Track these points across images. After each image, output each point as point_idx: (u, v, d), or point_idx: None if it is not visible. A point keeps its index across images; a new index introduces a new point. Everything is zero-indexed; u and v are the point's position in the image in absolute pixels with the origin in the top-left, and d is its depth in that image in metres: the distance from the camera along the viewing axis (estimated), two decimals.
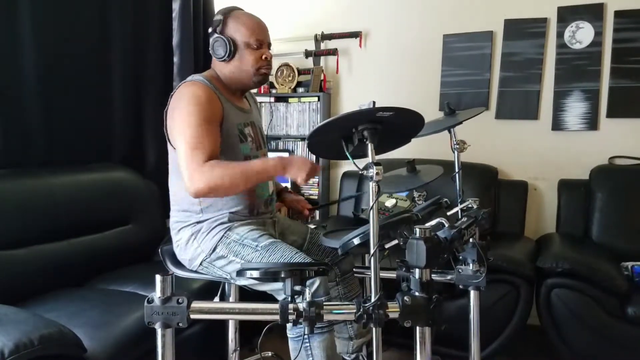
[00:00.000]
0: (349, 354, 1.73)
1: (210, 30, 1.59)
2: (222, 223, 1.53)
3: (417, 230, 1.06)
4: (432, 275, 1.08)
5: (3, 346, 1.15)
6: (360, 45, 3.10)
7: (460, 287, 1.42)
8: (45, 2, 2.03)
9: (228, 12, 1.59)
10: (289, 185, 3.09)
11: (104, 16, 2.31)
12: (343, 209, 2.96)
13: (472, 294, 1.48)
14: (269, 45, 1.63)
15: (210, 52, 1.59)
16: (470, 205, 1.54)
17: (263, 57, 1.58)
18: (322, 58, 3.18)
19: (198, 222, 1.55)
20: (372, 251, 1.08)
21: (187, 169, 1.40)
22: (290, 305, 1.03)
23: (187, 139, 1.42)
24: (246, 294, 1.58)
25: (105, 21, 2.32)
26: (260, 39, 1.58)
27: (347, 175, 3.03)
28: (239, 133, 1.60)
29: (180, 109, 1.48)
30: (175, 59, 2.60)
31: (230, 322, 1.73)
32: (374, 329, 1.10)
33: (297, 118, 3.14)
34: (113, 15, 2.34)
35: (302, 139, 3.14)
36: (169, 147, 1.58)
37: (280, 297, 1.07)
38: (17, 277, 1.73)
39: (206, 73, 1.63)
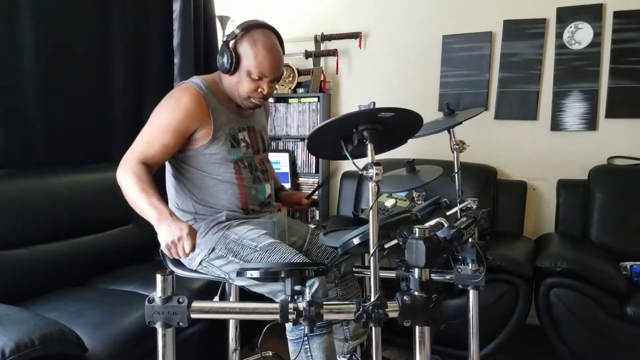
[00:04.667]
0: (343, 354, 1.73)
1: (225, 38, 1.57)
2: (220, 222, 1.54)
3: (417, 230, 1.06)
4: (432, 274, 1.08)
5: (4, 345, 1.16)
6: (360, 46, 3.10)
7: (460, 286, 1.42)
8: (45, 2, 2.04)
9: (248, 29, 1.52)
10: (287, 185, 3.10)
11: (105, 17, 2.31)
12: (343, 209, 2.97)
13: (471, 293, 1.49)
14: (274, 79, 1.56)
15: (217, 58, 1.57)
16: (469, 205, 1.54)
17: (259, 89, 1.54)
18: (322, 59, 3.19)
19: (196, 221, 1.56)
20: (371, 251, 1.08)
21: (126, 154, 1.46)
22: (290, 305, 1.03)
23: (145, 131, 1.49)
24: (246, 294, 1.59)
25: (106, 22, 2.32)
26: (263, 74, 1.52)
27: (346, 175, 3.04)
28: (231, 138, 1.58)
29: (160, 106, 1.53)
30: (176, 60, 2.61)
31: (231, 321, 1.73)
32: (373, 328, 1.10)
33: (297, 118, 3.15)
34: (114, 16, 2.35)
35: (302, 140, 3.15)
36: None
37: (278, 300, 1.07)
38: (18, 276, 1.74)
39: (209, 75, 1.63)
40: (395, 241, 1.22)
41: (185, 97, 1.50)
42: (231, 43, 1.52)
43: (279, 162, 3.12)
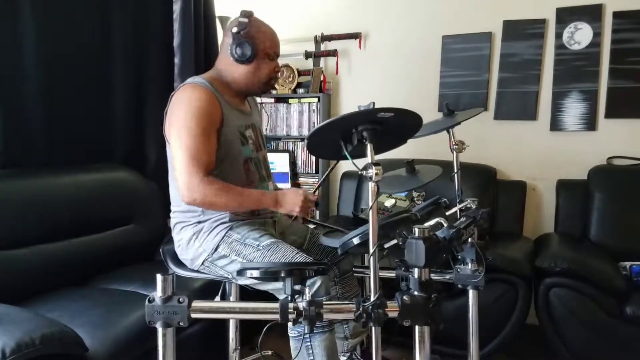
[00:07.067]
0: (343, 353, 1.74)
1: (234, 30, 1.54)
2: (223, 222, 1.54)
3: (416, 230, 1.07)
4: (431, 274, 1.08)
5: (5, 345, 1.16)
6: (359, 47, 3.10)
7: (459, 286, 1.43)
8: (45, 3, 2.04)
9: (250, 16, 1.57)
10: (287, 185, 3.10)
11: (105, 17, 2.32)
12: (342, 209, 2.97)
13: (471, 293, 1.49)
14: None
15: (228, 51, 1.56)
16: (469, 205, 1.54)
17: (275, 69, 1.62)
18: (322, 59, 3.19)
19: (199, 222, 1.56)
20: (371, 251, 1.08)
21: (185, 178, 1.43)
22: (290, 305, 1.03)
23: (186, 146, 1.44)
24: (247, 294, 1.59)
25: (107, 22, 2.32)
26: (277, 52, 1.62)
27: (346, 175, 3.04)
28: (240, 136, 1.60)
29: (179, 113, 1.49)
30: (176, 60, 2.61)
31: (231, 321, 1.74)
32: (373, 328, 1.11)
33: (297, 119, 3.15)
34: (114, 16, 2.35)
35: (302, 140, 3.15)
36: (168, 148, 1.59)
37: (281, 297, 1.07)
38: (18, 276, 1.74)
39: (207, 75, 1.63)
40: (394, 241, 1.23)
41: (201, 95, 1.50)
42: (242, 33, 1.54)
43: (280, 162, 3.12)
